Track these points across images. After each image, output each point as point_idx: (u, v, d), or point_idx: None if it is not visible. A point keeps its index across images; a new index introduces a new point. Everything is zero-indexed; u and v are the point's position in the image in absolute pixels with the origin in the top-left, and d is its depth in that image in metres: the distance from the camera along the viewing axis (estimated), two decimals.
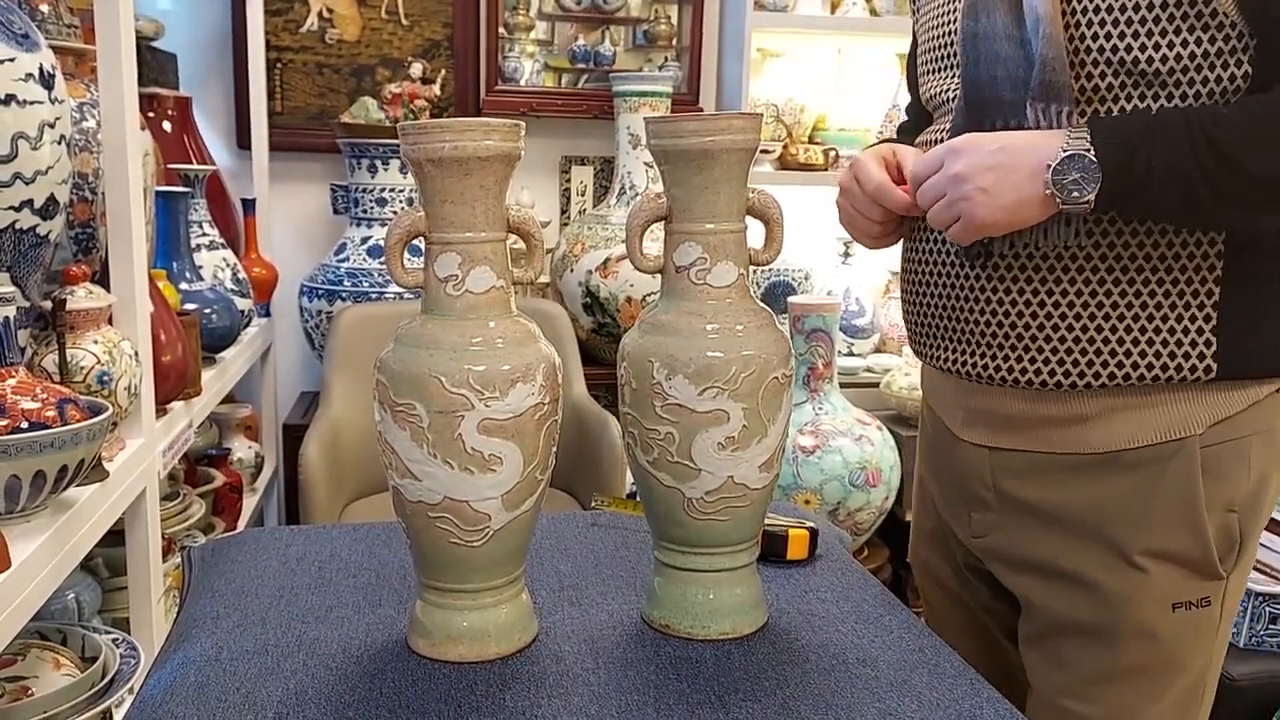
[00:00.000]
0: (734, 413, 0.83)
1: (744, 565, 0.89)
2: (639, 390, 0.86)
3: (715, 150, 0.82)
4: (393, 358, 0.80)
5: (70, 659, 1.26)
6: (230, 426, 2.39)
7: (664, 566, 0.90)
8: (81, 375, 1.23)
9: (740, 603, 0.89)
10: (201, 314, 1.81)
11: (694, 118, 0.84)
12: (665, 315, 0.86)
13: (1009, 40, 0.96)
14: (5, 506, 1.02)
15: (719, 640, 0.87)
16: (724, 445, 0.84)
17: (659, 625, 0.89)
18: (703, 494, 0.85)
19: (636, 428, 0.87)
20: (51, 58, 1.18)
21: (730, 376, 0.83)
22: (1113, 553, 1.01)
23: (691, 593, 0.88)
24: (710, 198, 0.84)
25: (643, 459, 0.87)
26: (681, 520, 0.86)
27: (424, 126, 0.77)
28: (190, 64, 2.63)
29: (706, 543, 0.87)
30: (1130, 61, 0.92)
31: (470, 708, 0.77)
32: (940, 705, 0.79)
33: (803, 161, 2.79)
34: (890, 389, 2.64)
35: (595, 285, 2.56)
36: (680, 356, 0.83)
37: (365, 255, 2.50)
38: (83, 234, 1.42)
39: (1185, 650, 1.02)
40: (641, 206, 0.87)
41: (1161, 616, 1.01)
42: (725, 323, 0.84)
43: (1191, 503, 0.99)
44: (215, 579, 0.99)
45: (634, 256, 0.87)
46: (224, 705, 0.77)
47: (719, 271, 0.85)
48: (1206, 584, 1.01)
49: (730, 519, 0.86)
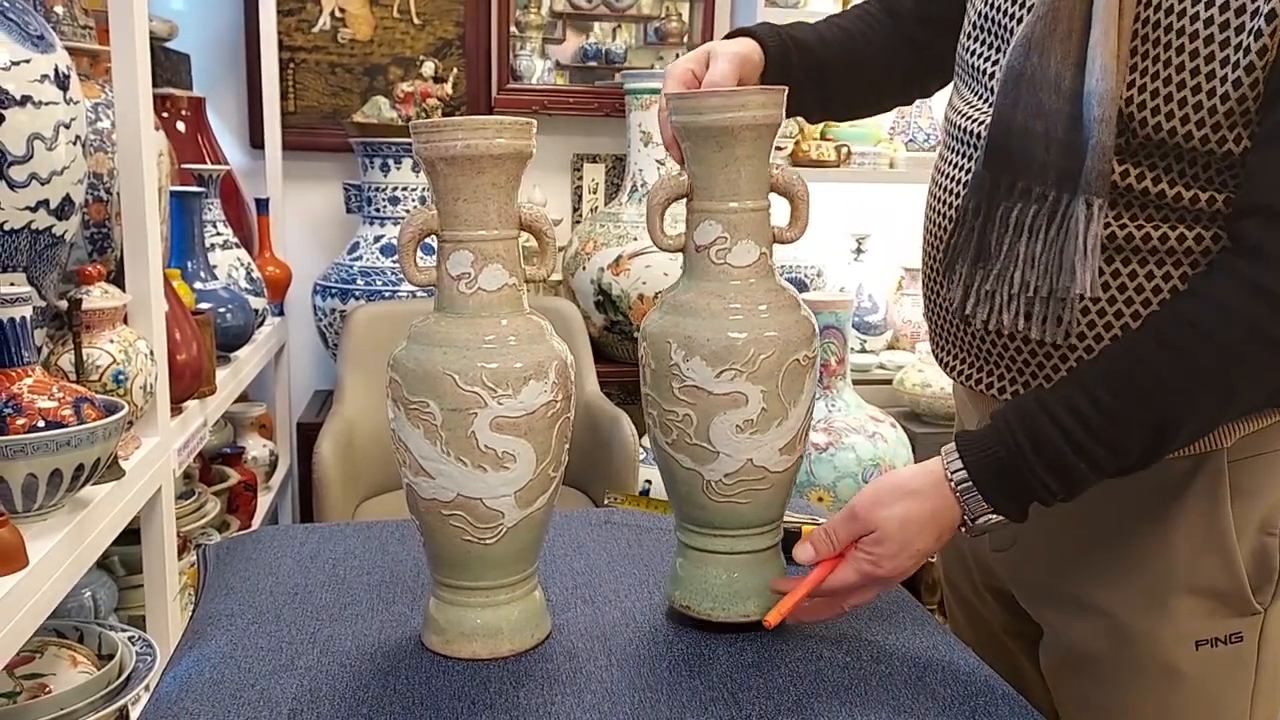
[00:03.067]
0: (753, 395, 0.82)
1: (766, 548, 0.89)
2: (658, 371, 0.85)
3: (735, 126, 0.81)
4: (406, 356, 0.80)
5: (87, 656, 1.27)
6: (244, 425, 2.40)
7: (686, 548, 0.90)
8: (97, 374, 1.24)
9: (762, 585, 0.88)
10: (216, 313, 1.82)
11: (714, 93, 0.82)
12: (685, 295, 0.85)
13: (1058, 94, 0.85)
14: (22, 505, 1.02)
15: (739, 623, 0.87)
16: (742, 428, 0.83)
17: (680, 606, 0.89)
18: (722, 476, 0.84)
19: (656, 409, 0.86)
20: (66, 59, 1.19)
21: (749, 358, 0.81)
22: (1128, 581, 0.93)
23: (713, 574, 0.88)
24: (731, 175, 0.83)
25: (662, 441, 0.87)
26: (702, 503, 0.86)
27: (437, 125, 0.78)
28: (204, 64, 2.64)
29: (728, 525, 0.87)
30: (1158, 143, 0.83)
31: (484, 705, 0.77)
32: (954, 702, 0.79)
33: (815, 158, 2.78)
34: (903, 386, 2.63)
35: (607, 283, 2.56)
36: (698, 337, 0.82)
37: (378, 254, 2.50)
38: (98, 234, 1.43)
39: (1217, 692, 0.93)
40: (662, 184, 0.86)
41: (1184, 654, 0.92)
42: (746, 303, 0.83)
43: (1217, 525, 0.90)
44: (230, 577, 1.00)
45: (654, 234, 0.86)
46: (239, 702, 0.77)
47: (739, 251, 0.84)
48: (1238, 619, 0.91)
49: (750, 502, 0.86)
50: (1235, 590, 0.91)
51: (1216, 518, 0.91)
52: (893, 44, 1.11)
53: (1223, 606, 0.91)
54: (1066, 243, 0.86)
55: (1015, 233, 0.89)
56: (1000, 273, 0.90)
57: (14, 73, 1.08)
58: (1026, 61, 0.87)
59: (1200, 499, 0.91)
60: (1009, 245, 0.89)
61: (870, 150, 2.82)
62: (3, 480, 0.99)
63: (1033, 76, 0.87)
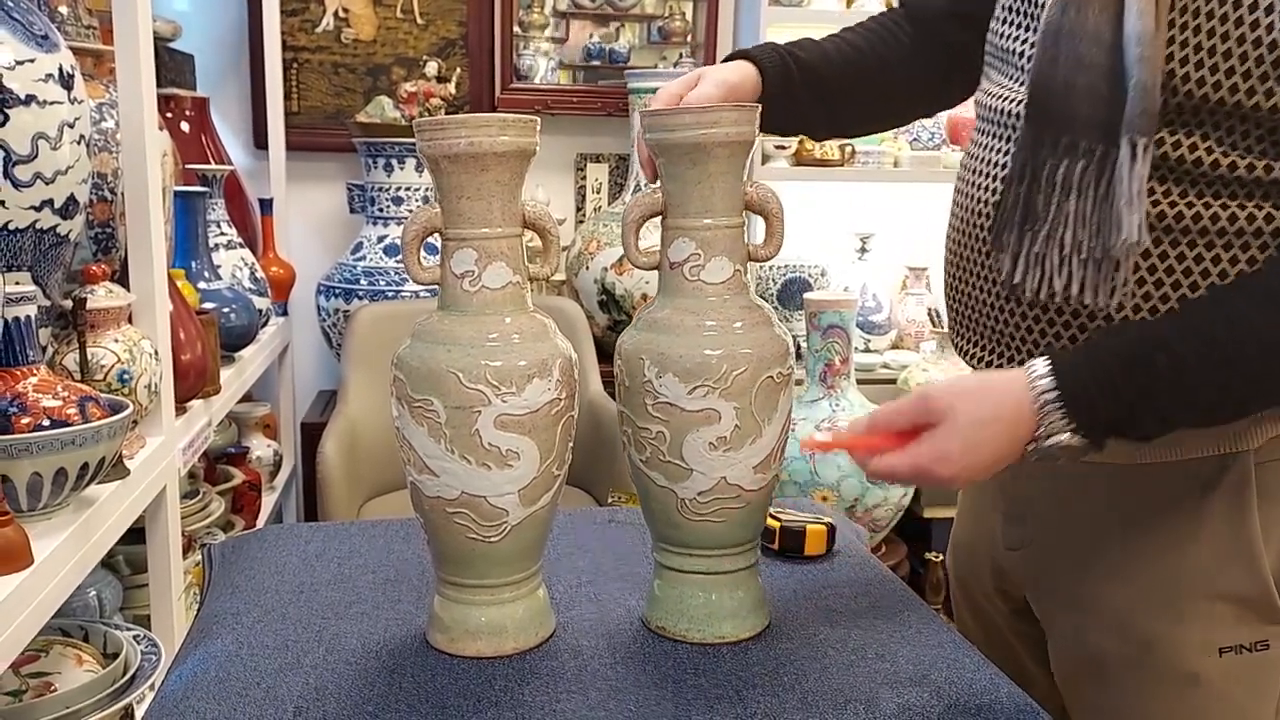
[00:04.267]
0: (725, 412, 0.81)
1: (743, 569, 0.87)
2: (631, 388, 0.85)
3: (708, 144, 0.81)
4: (410, 354, 0.80)
5: (92, 655, 1.27)
6: (249, 425, 2.41)
7: (662, 568, 0.89)
8: (102, 374, 1.24)
9: (738, 606, 0.87)
10: (220, 313, 1.82)
11: (687, 110, 0.82)
12: (660, 312, 0.85)
13: (1099, 46, 0.84)
14: (27, 504, 1.02)
15: (715, 644, 0.86)
16: (715, 445, 0.82)
17: (655, 627, 0.88)
18: (695, 494, 0.83)
19: (630, 426, 0.86)
20: (71, 58, 1.19)
21: (721, 375, 0.81)
22: (1149, 584, 0.91)
23: (689, 595, 0.87)
24: (704, 192, 0.83)
25: (636, 458, 0.86)
26: (676, 521, 0.85)
27: (440, 122, 0.78)
28: (207, 64, 2.64)
29: (703, 544, 0.86)
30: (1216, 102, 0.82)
31: (489, 702, 0.77)
32: (959, 699, 0.79)
33: (819, 157, 2.78)
34: (908, 385, 2.62)
35: (611, 282, 2.56)
36: (671, 354, 0.82)
37: (382, 254, 2.51)
38: (102, 233, 1.43)
39: (1240, 700, 0.90)
40: (637, 201, 0.86)
41: (1207, 661, 0.89)
42: (719, 320, 0.83)
43: (1244, 529, 0.88)
44: (235, 576, 1.00)
45: (629, 252, 0.86)
46: (245, 700, 0.77)
47: (713, 268, 0.84)
48: (1264, 626, 0.89)
49: (725, 521, 0.84)
50: (1262, 596, 0.89)
51: (1243, 521, 0.88)
52: (919, 50, 1.10)
53: (1248, 613, 0.89)
54: (1116, 192, 0.84)
55: (1063, 191, 0.86)
56: (1049, 234, 0.87)
57: (18, 72, 1.09)
58: (1064, 16, 0.86)
59: (1226, 502, 0.89)
60: (1057, 205, 0.87)
61: (874, 149, 2.82)
62: (8, 479, 0.99)
63: (1071, 30, 0.85)
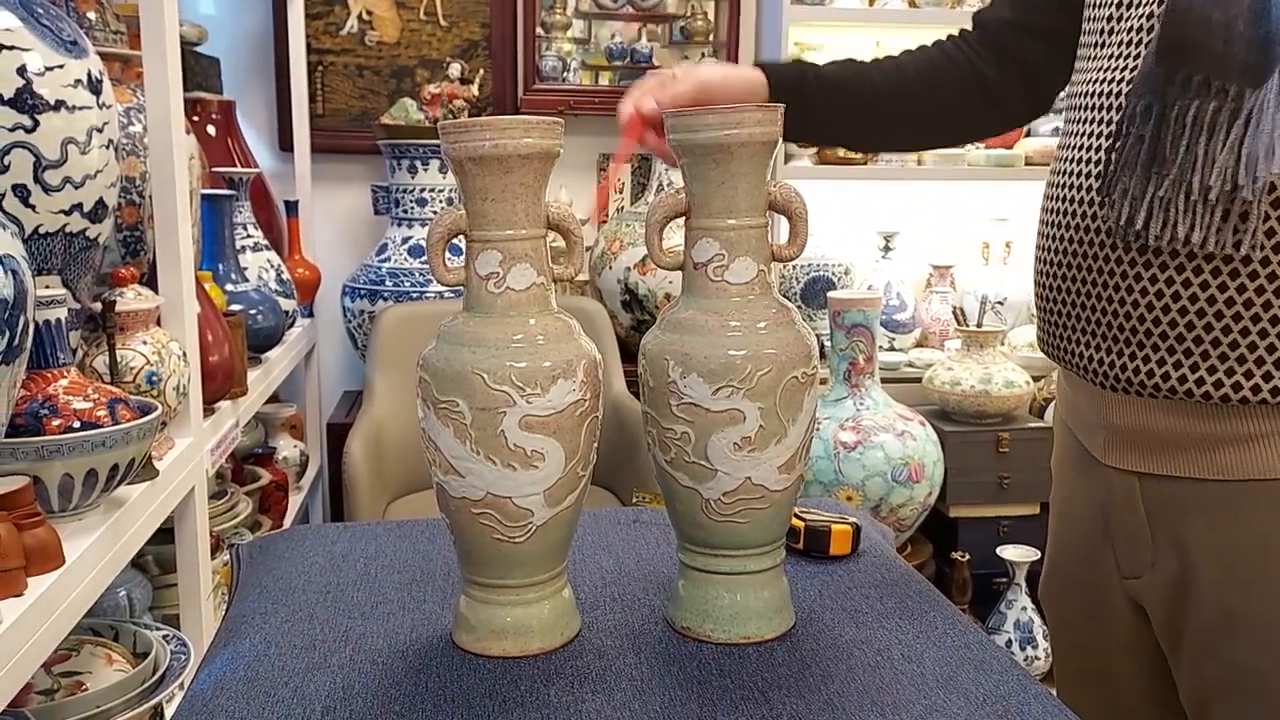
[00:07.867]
0: (750, 412, 0.81)
1: (768, 569, 0.87)
2: (655, 388, 0.85)
3: (732, 144, 0.81)
4: (435, 355, 0.81)
5: (122, 655, 1.28)
6: (275, 426, 2.42)
7: (687, 569, 0.89)
8: (131, 375, 1.25)
9: (764, 607, 0.87)
10: (247, 314, 1.83)
11: (711, 110, 0.82)
12: (684, 313, 0.85)
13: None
14: (58, 505, 1.04)
15: (740, 645, 0.86)
16: (740, 446, 0.82)
17: (680, 628, 0.88)
18: (720, 495, 0.83)
19: (654, 426, 0.86)
20: (99, 64, 1.20)
21: (745, 375, 0.81)
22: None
23: (714, 595, 0.87)
24: (728, 193, 0.83)
25: (661, 459, 0.86)
26: (701, 522, 0.85)
27: (465, 125, 0.78)
28: (233, 68, 2.66)
29: (727, 545, 0.86)
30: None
31: (514, 702, 0.77)
32: (987, 701, 0.78)
33: (841, 155, 2.77)
34: (932, 384, 2.61)
35: (634, 282, 2.56)
36: (695, 355, 0.82)
37: (406, 255, 2.52)
38: (131, 237, 1.45)
39: None
40: (661, 202, 0.86)
41: None
42: (744, 320, 0.82)
43: None
44: (263, 575, 1.01)
45: (653, 253, 0.86)
46: (273, 700, 0.77)
47: (737, 268, 0.83)
48: None
49: (750, 521, 0.84)
50: None
51: None
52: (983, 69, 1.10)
53: None
54: (1256, 137, 0.79)
55: (1194, 132, 0.81)
56: (1177, 178, 0.82)
57: (48, 78, 1.10)
58: None
59: None
60: (1187, 147, 0.82)
61: None
62: (39, 480, 1.00)
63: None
